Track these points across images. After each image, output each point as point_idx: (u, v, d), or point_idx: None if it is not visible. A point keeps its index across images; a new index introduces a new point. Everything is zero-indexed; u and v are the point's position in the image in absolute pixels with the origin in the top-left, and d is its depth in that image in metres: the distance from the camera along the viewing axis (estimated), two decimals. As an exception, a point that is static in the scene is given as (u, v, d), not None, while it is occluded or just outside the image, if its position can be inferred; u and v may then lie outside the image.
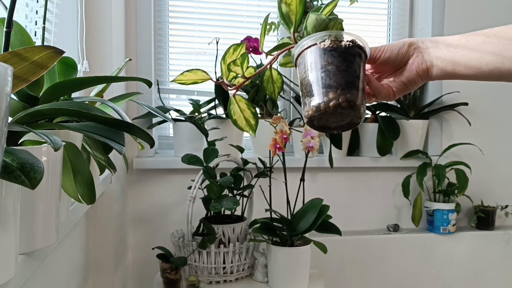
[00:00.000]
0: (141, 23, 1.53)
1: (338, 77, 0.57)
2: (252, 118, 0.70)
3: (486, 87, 1.80)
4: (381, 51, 0.63)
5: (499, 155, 1.82)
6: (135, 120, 1.51)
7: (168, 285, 1.24)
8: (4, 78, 0.33)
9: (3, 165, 0.40)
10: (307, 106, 0.59)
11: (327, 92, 0.57)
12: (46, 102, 0.62)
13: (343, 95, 0.57)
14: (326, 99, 0.57)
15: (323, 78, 0.58)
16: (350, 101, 0.57)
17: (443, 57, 0.62)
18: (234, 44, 0.70)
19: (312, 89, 0.59)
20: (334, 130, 0.63)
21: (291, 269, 1.24)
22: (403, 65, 0.64)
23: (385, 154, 1.67)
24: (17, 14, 0.90)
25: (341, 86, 0.57)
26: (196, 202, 1.27)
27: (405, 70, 0.64)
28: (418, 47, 0.63)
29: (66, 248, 1.00)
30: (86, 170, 0.67)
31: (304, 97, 0.60)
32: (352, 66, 0.59)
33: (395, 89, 0.65)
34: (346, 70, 0.58)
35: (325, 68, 0.58)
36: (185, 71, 0.72)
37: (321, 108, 0.57)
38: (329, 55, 0.58)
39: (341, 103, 0.57)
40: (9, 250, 0.46)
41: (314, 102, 0.58)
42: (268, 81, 0.73)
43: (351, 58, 0.59)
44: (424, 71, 0.63)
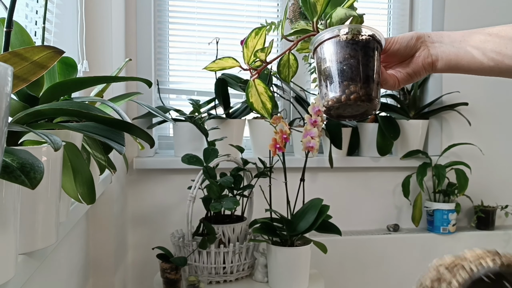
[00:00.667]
0: (141, 23, 1.53)
1: (359, 71, 0.61)
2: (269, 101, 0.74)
3: (486, 87, 1.80)
4: (391, 43, 0.67)
5: (499, 155, 1.82)
6: (135, 120, 1.51)
7: (168, 285, 1.24)
8: (4, 78, 0.33)
9: (3, 165, 0.40)
10: (328, 97, 0.62)
11: (348, 85, 0.61)
12: (46, 102, 0.62)
13: (363, 89, 0.60)
14: (348, 91, 0.60)
15: (345, 71, 0.61)
16: (369, 95, 0.61)
17: (448, 52, 0.65)
18: (256, 28, 0.74)
19: (333, 80, 0.62)
20: (348, 118, 0.67)
21: (291, 269, 1.24)
22: (409, 57, 0.68)
23: (385, 154, 1.67)
24: (17, 14, 0.90)
25: (362, 80, 0.61)
26: (196, 202, 1.27)
27: (411, 62, 0.68)
28: (425, 41, 0.67)
29: (66, 248, 1.00)
30: (86, 170, 0.67)
31: (322, 86, 0.63)
32: (371, 60, 0.62)
33: (400, 79, 0.68)
34: (367, 64, 0.61)
35: (347, 61, 0.61)
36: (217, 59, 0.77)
37: (342, 100, 0.61)
38: (351, 48, 0.61)
39: (361, 96, 0.60)
40: (9, 250, 0.46)
41: (334, 94, 0.61)
42: (285, 66, 0.78)
43: (371, 52, 0.62)
44: (429, 64, 0.67)
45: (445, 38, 0.66)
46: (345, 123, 1.58)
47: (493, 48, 0.62)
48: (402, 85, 0.69)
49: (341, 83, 0.61)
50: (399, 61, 0.69)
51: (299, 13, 1.62)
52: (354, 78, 0.61)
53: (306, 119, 1.34)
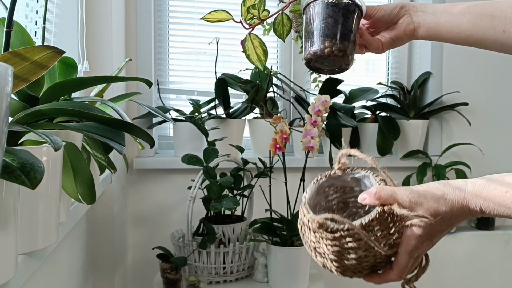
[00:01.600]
0: (141, 23, 1.53)
1: (335, 29, 0.69)
2: (263, 54, 0.83)
3: (486, 87, 1.80)
4: (376, 10, 0.74)
5: (499, 155, 1.82)
6: (135, 120, 1.51)
7: (168, 285, 1.24)
8: (4, 78, 0.33)
9: (4, 165, 0.40)
10: (307, 50, 0.70)
11: (324, 40, 0.69)
12: (46, 102, 0.62)
13: (338, 45, 0.68)
14: (322, 46, 0.69)
15: (323, 28, 0.69)
16: (342, 50, 0.69)
17: (429, 20, 0.72)
18: None
19: (313, 37, 0.70)
20: (326, 73, 0.76)
21: (291, 269, 1.24)
22: (394, 23, 0.75)
23: (385, 154, 1.67)
24: (17, 14, 0.89)
25: (336, 37, 0.69)
26: (196, 202, 1.27)
27: (395, 29, 0.75)
28: (409, 9, 0.74)
29: (66, 248, 1.00)
30: (86, 170, 0.67)
31: (306, 42, 0.71)
32: (348, 21, 0.70)
33: (383, 43, 0.75)
34: (343, 24, 0.69)
35: (325, 20, 0.69)
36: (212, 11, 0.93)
37: (318, 54, 0.69)
38: (330, 9, 0.69)
39: (334, 51, 0.68)
40: (9, 250, 0.46)
41: (313, 48, 0.70)
42: (279, 24, 0.86)
43: (348, 14, 0.70)
44: (411, 30, 0.74)
45: (428, 8, 0.73)
46: (345, 123, 1.58)
47: (470, 19, 0.69)
48: (386, 49, 0.76)
49: (319, 39, 0.69)
50: (385, 27, 0.76)
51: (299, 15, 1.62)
52: (330, 35, 0.69)
53: (306, 119, 1.34)
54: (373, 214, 0.57)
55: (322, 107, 1.33)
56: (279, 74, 1.64)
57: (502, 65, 1.81)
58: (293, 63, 1.72)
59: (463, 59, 1.78)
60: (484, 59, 1.80)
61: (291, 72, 1.72)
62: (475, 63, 1.79)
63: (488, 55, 1.79)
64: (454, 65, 1.77)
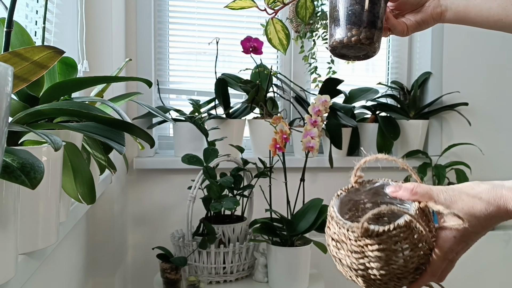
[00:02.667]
0: (141, 23, 1.53)
1: (362, 16, 0.67)
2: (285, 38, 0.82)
3: (486, 87, 1.80)
4: None
5: (499, 155, 1.82)
6: (135, 120, 1.50)
7: (168, 285, 1.24)
8: (4, 78, 0.33)
9: (4, 165, 0.40)
10: (333, 38, 0.69)
11: (351, 28, 0.67)
12: (46, 102, 0.62)
13: (365, 33, 0.67)
14: (349, 34, 0.67)
15: (350, 16, 0.67)
16: (369, 38, 0.67)
17: (457, 3, 0.71)
18: None
19: (339, 23, 0.68)
20: (351, 59, 0.74)
21: (291, 269, 1.24)
22: (420, 6, 0.72)
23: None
24: (17, 14, 0.89)
25: (363, 24, 0.67)
26: (196, 202, 1.27)
27: (421, 11, 0.72)
28: None
29: (66, 248, 1.00)
30: (86, 170, 0.67)
31: (331, 29, 0.70)
32: (375, 8, 0.67)
33: (409, 26, 0.73)
34: (370, 11, 0.67)
35: (352, 7, 0.67)
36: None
37: (344, 42, 0.67)
38: None
39: (361, 39, 0.66)
40: (9, 250, 0.46)
41: (339, 35, 0.68)
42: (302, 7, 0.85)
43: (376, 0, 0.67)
44: (438, 14, 0.72)
45: None
46: (345, 123, 1.58)
47: (500, 3, 0.68)
48: (411, 32, 0.74)
49: (346, 26, 0.67)
50: (410, 10, 0.73)
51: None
52: (357, 22, 0.67)
53: (306, 119, 1.34)
54: (412, 210, 0.57)
55: (322, 107, 1.33)
56: (279, 74, 1.64)
57: (502, 65, 1.81)
58: (293, 63, 1.71)
59: (463, 59, 1.78)
60: (484, 59, 1.80)
61: (291, 72, 1.72)
62: (475, 63, 1.79)
63: (488, 55, 1.80)
64: (454, 65, 1.77)
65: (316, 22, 1.55)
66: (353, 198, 0.67)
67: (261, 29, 1.57)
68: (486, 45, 1.79)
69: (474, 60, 1.79)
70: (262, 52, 1.50)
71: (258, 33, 1.60)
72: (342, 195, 0.65)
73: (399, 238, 0.55)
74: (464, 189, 0.57)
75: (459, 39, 1.77)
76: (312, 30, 1.55)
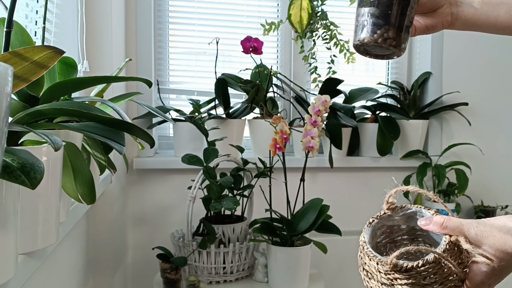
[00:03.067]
0: (141, 23, 1.53)
1: (397, 17, 0.63)
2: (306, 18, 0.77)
3: (486, 87, 1.80)
4: None
5: (499, 155, 1.82)
6: (135, 120, 1.50)
7: (168, 285, 1.24)
8: (4, 78, 0.33)
9: (4, 165, 0.40)
10: (361, 35, 0.65)
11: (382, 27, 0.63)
12: (46, 102, 0.62)
13: (396, 36, 0.63)
14: (379, 34, 0.63)
15: (383, 15, 0.63)
16: (400, 42, 0.64)
17: (466, 12, 0.72)
18: None
19: (365, 22, 0.64)
20: (376, 58, 0.71)
21: (291, 269, 1.24)
22: (432, 11, 0.72)
23: (385, 154, 1.67)
24: (17, 14, 0.89)
25: (396, 27, 0.63)
26: (196, 202, 1.27)
27: (432, 16, 0.72)
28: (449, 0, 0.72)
29: (66, 248, 1.00)
30: (86, 170, 0.67)
31: (360, 24, 0.65)
32: (411, 11, 0.64)
33: (417, 28, 0.73)
34: (407, 15, 0.64)
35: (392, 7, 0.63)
36: None
37: (374, 42, 0.64)
38: None
39: (393, 42, 0.63)
40: (9, 250, 0.46)
41: (368, 34, 0.64)
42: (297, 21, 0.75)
43: (413, 3, 0.64)
44: (448, 22, 0.72)
45: None
46: (345, 123, 1.58)
47: (507, 10, 0.69)
48: (418, 34, 0.73)
49: (377, 25, 0.63)
50: (421, 12, 0.73)
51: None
52: (390, 23, 0.63)
53: (306, 119, 1.34)
54: (442, 245, 0.56)
55: (322, 107, 1.33)
56: (279, 74, 1.64)
57: (502, 65, 1.81)
58: (293, 63, 1.72)
59: (463, 59, 1.78)
60: (484, 59, 1.80)
61: (291, 72, 1.72)
62: (475, 63, 1.79)
63: (488, 55, 1.80)
64: (454, 65, 1.77)
65: (316, 22, 1.55)
66: (385, 223, 0.67)
67: (261, 29, 1.57)
68: (486, 45, 1.79)
69: (474, 60, 1.79)
70: (262, 52, 1.50)
71: (258, 33, 1.60)
72: (374, 222, 0.65)
73: (428, 273, 0.55)
74: (496, 224, 0.57)
75: (459, 39, 1.77)
76: (312, 30, 1.55)
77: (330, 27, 1.55)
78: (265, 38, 1.56)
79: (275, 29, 1.56)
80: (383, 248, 0.67)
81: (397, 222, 0.67)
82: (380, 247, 0.66)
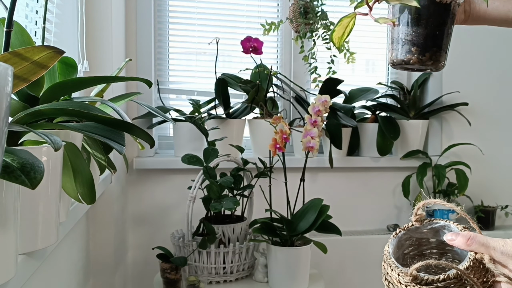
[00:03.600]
0: (141, 23, 1.53)
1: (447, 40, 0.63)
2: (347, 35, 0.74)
3: (486, 87, 1.80)
4: None
5: (499, 155, 1.82)
6: (135, 120, 1.50)
7: (168, 285, 1.24)
8: (4, 78, 0.33)
9: (4, 165, 0.40)
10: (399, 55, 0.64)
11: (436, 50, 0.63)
12: (46, 102, 0.62)
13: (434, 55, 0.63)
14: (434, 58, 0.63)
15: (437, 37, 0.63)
16: (438, 60, 0.64)
17: (478, 8, 0.75)
18: None
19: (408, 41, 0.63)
20: (409, 70, 0.70)
21: (291, 269, 1.24)
22: None
23: (385, 154, 1.67)
24: (17, 14, 0.89)
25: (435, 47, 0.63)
26: (196, 202, 1.27)
27: None
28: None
29: (66, 248, 1.00)
30: (86, 170, 0.67)
31: (397, 41, 0.65)
32: (445, 28, 0.64)
33: None
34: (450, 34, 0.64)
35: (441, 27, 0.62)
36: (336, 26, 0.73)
37: (426, 63, 0.63)
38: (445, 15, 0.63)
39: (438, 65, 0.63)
40: (9, 250, 0.46)
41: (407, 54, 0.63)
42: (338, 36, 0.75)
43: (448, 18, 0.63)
44: (461, 19, 0.75)
45: None
46: (345, 123, 1.58)
47: None
48: None
49: (431, 47, 0.63)
50: None
51: (299, 13, 1.62)
52: (441, 45, 0.63)
53: (306, 119, 1.34)
54: (466, 262, 0.56)
55: (322, 107, 1.33)
56: (279, 74, 1.64)
57: (502, 65, 1.81)
58: (293, 63, 1.72)
59: (463, 59, 1.78)
60: (484, 59, 1.80)
61: (291, 72, 1.72)
62: (475, 63, 1.79)
63: (488, 55, 1.80)
64: (454, 65, 1.77)
65: (316, 22, 1.55)
66: (413, 236, 0.66)
67: (261, 29, 1.57)
68: (486, 45, 1.79)
69: (474, 60, 1.78)
70: (262, 52, 1.50)
71: (258, 33, 1.60)
72: (400, 233, 0.64)
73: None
74: None
75: (459, 39, 1.76)
76: (312, 30, 1.55)
77: (330, 27, 1.55)
78: (265, 38, 1.56)
79: (275, 29, 1.55)
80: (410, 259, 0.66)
81: (425, 235, 0.66)
82: (407, 258, 0.66)
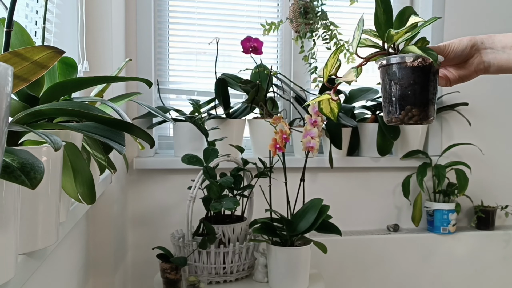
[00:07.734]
0: (141, 23, 1.53)
1: (422, 96, 0.68)
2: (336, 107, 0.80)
3: (486, 88, 1.80)
4: (447, 51, 0.73)
5: (499, 155, 1.82)
6: (135, 120, 1.51)
7: (168, 285, 1.24)
8: (4, 78, 0.33)
9: (4, 165, 0.40)
10: (391, 115, 0.70)
11: (410, 108, 0.68)
12: (46, 102, 0.62)
13: (423, 112, 0.68)
14: (408, 114, 0.68)
15: (409, 96, 0.68)
16: (428, 116, 0.68)
17: (499, 58, 0.73)
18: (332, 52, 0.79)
19: (398, 101, 0.69)
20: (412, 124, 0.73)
21: (291, 269, 1.24)
22: (463, 62, 0.75)
23: (385, 154, 1.67)
24: (17, 14, 0.90)
25: (423, 104, 0.68)
26: (196, 202, 1.27)
27: (464, 67, 0.75)
28: (478, 48, 0.74)
29: (66, 248, 1.00)
30: (86, 170, 0.67)
31: (387, 104, 0.71)
32: (432, 84, 0.68)
33: (452, 79, 0.76)
34: (427, 89, 0.68)
35: (411, 87, 0.68)
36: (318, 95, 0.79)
37: (404, 120, 0.69)
38: (416, 75, 0.68)
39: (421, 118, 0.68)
40: (9, 250, 0.46)
41: (397, 115, 0.69)
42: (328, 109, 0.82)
43: (432, 76, 0.68)
44: (481, 70, 0.74)
45: (497, 43, 0.73)
46: (345, 123, 1.58)
47: None
48: (453, 84, 0.76)
49: (404, 106, 0.68)
50: (453, 64, 0.76)
51: (299, 13, 1.62)
52: (415, 102, 0.68)
53: (306, 119, 1.34)
54: None
55: (322, 107, 1.33)
56: (279, 74, 1.64)
57: (502, 65, 1.81)
58: (293, 63, 1.72)
59: (463, 59, 1.77)
60: (484, 59, 1.79)
61: (291, 72, 1.72)
62: (475, 63, 1.79)
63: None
64: (454, 65, 1.77)
65: (316, 22, 1.55)
66: None
67: (261, 29, 1.57)
68: (486, 45, 1.79)
69: (474, 60, 1.78)
70: (262, 52, 1.50)
71: (258, 33, 1.60)
72: None
73: None
74: None
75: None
76: (312, 30, 1.55)
77: (330, 27, 1.55)
78: (265, 38, 1.56)
79: (275, 29, 1.56)
80: None
81: None
82: None
